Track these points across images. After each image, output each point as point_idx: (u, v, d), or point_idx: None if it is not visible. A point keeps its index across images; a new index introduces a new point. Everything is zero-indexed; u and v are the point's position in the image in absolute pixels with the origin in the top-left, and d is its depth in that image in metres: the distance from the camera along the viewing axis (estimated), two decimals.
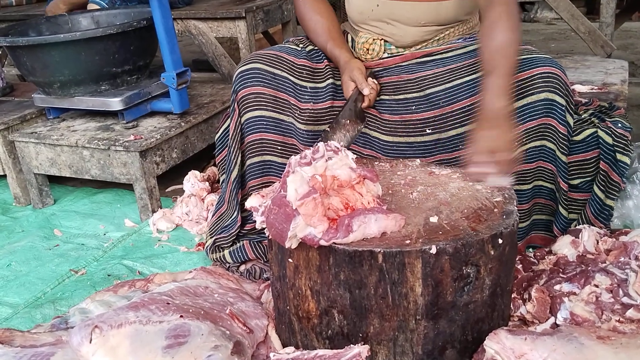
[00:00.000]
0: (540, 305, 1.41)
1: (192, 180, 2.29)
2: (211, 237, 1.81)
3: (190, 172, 2.33)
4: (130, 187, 2.33)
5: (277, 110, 1.67)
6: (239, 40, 3.03)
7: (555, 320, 1.39)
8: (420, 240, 1.19)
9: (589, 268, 1.46)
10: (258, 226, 1.30)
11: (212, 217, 1.88)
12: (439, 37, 1.68)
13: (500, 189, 1.38)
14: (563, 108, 1.54)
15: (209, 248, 1.82)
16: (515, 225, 1.26)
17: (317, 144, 1.26)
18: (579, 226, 1.62)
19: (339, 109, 1.65)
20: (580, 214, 1.68)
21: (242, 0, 3.17)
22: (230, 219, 1.77)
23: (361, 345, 1.24)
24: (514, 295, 1.46)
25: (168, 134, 2.25)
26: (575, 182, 1.65)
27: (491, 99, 1.44)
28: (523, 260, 1.63)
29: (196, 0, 3.37)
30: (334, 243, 1.19)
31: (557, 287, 1.44)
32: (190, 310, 1.34)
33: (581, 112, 1.77)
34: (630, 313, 1.32)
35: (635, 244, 1.48)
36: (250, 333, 1.38)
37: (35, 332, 1.43)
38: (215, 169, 2.37)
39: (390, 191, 1.40)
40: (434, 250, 1.16)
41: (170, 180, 2.52)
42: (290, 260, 1.28)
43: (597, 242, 1.57)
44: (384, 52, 1.71)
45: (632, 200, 1.75)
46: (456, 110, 1.60)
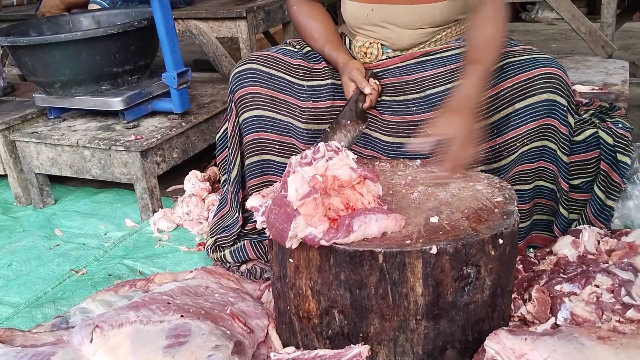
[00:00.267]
0: (541, 306, 1.41)
1: (193, 180, 2.29)
2: (212, 237, 1.81)
3: (190, 172, 2.33)
4: (131, 187, 2.33)
5: (274, 109, 1.68)
6: (240, 40, 3.03)
7: (555, 320, 1.38)
8: (421, 240, 1.19)
9: (590, 268, 1.46)
10: (259, 226, 1.30)
11: (214, 217, 1.88)
12: (435, 39, 1.68)
13: (501, 189, 1.38)
14: (564, 108, 1.54)
15: (209, 248, 1.82)
16: (515, 226, 1.26)
17: (317, 144, 1.26)
18: (580, 226, 1.62)
19: (340, 109, 1.65)
20: (580, 214, 1.68)
21: (243, 0, 3.17)
22: (231, 219, 1.77)
23: (362, 345, 1.24)
24: (515, 295, 1.46)
25: (169, 134, 2.25)
26: (576, 182, 1.65)
27: (467, 86, 1.44)
28: (523, 260, 1.63)
29: (197, 0, 3.37)
30: (334, 243, 1.19)
31: (557, 287, 1.44)
32: (191, 310, 1.34)
33: (582, 112, 1.77)
34: (631, 313, 1.32)
35: None
36: (250, 333, 1.38)
37: (36, 332, 1.44)
38: (215, 168, 2.37)
39: (390, 191, 1.40)
40: (434, 250, 1.16)
41: (170, 180, 2.52)
42: (290, 260, 1.28)
43: (598, 243, 1.57)
44: (382, 54, 1.72)
45: (633, 200, 1.74)
46: None
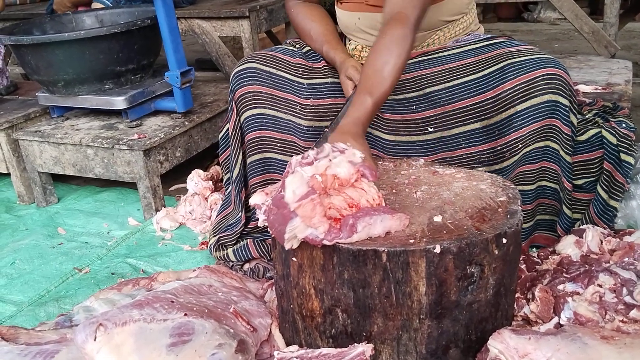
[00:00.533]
0: (544, 305, 1.41)
1: (196, 179, 2.29)
2: (215, 236, 1.82)
3: (193, 171, 2.33)
4: (134, 186, 2.34)
5: (274, 107, 1.68)
6: (243, 40, 3.02)
7: (558, 320, 1.38)
8: (425, 239, 1.19)
9: (593, 268, 1.45)
10: (260, 224, 1.30)
11: (217, 216, 1.88)
12: (427, 42, 1.68)
13: (505, 188, 1.38)
14: (567, 109, 1.54)
15: (212, 246, 1.82)
16: (519, 225, 1.26)
17: (322, 145, 1.26)
18: (583, 226, 1.62)
19: (341, 106, 1.65)
20: (584, 214, 1.67)
21: (246, 0, 3.17)
22: (234, 218, 1.77)
23: (365, 344, 1.24)
24: (518, 295, 1.46)
25: (172, 133, 2.26)
26: (579, 182, 1.65)
27: (351, 117, 1.38)
28: (527, 260, 1.63)
29: (200, 0, 3.37)
30: (337, 242, 1.19)
31: (560, 287, 1.44)
32: (194, 309, 1.34)
33: (585, 112, 1.77)
34: (634, 313, 1.32)
35: None
36: (254, 332, 1.38)
37: (40, 330, 1.44)
38: (218, 167, 2.37)
39: (394, 190, 1.41)
40: (438, 249, 1.16)
41: (173, 179, 2.52)
42: (294, 259, 1.28)
43: (601, 242, 1.57)
44: None
45: (636, 200, 1.74)
46: (458, 109, 1.59)
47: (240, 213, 1.75)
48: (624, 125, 1.62)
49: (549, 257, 1.60)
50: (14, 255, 2.09)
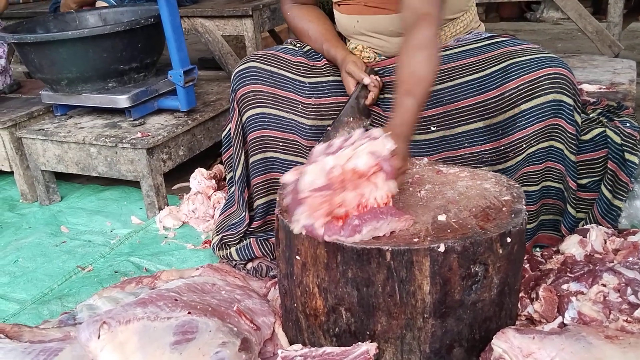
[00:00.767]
0: (548, 305, 1.41)
1: (199, 178, 2.30)
2: (218, 235, 1.82)
3: (196, 170, 2.33)
4: (137, 185, 2.34)
5: (276, 107, 1.68)
6: (246, 39, 3.02)
7: (562, 319, 1.38)
8: (429, 238, 1.19)
9: (597, 267, 1.45)
10: (284, 203, 1.29)
11: (220, 215, 1.88)
12: None
13: (509, 187, 1.38)
14: (571, 108, 1.53)
15: (215, 245, 1.82)
16: (523, 224, 1.25)
17: (353, 133, 1.25)
18: (587, 226, 1.62)
19: (343, 105, 1.65)
20: (588, 214, 1.67)
21: None
22: (237, 218, 1.77)
23: (369, 343, 1.24)
24: (522, 294, 1.46)
25: (175, 132, 2.26)
26: (583, 181, 1.64)
27: (399, 119, 1.34)
28: (530, 259, 1.62)
29: None
30: (338, 240, 1.19)
31: (564, 286, 1.44)
32: (198, 307, 1.34)
33: (589, 111, 1.77)
34: (638, 313, 1.32)
35: None
36: (257, 330, 1.38)
37: (44, 328, 1.44)
38: (221, 166, 2.37)
39: (398, 189, 1.40)
40: (442, 248, 1.16)
41: (176, 177, 2.52)
42: (297, 257, 1.28)
43: (605, 242, 1.57)
44: (377, 58, 1.72)
45: None
46: (461, 108, 1.59)
47: (244, 213, 1.75)
48: (628, 124, 1.62)
49: (553, 256, 1.60)
50: (17, 254, 2.09)
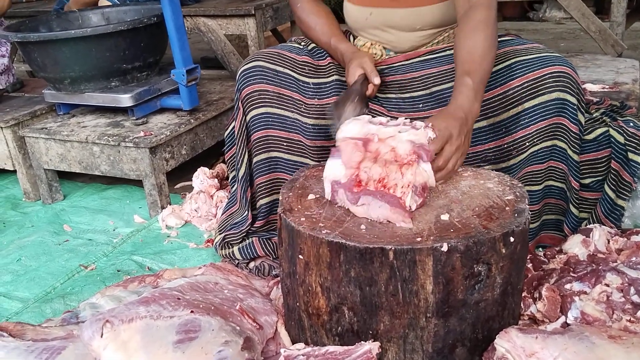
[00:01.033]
0: (551, 304, 1.40)
1: (201, 177, 2.30)
2: (220, 234, 1.82)
3: (199, 169, 2.33)
4: (139, 184, 2.34)
5: (281, 106, 1.68)
6: (248, 38, 3.03)
7: (565, 319, 1.38)
8: (432, 237, 1.18)
9: (600, 267, 1.45)
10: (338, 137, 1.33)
11: (222, 214, 1.88)
12: (437, 40, 1.68)
13: (512, 187, 1.37)
14: (575, 107, 1.53)
15: (218, 244, 1.82)
16: (527, 224, 1.25)
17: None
18: (590, 225, 1.62)
19: None
20: (591, 213, 1.67)
21: None
22: (240, 217, 1.77)
23: (371, 342, 1.24)
24: (525, 294, 1.46)
25: (177, 131, 2.26)
26: (586, 181, 1.64)
27: (461, 100, 1.36)
28: (533, 259, 1.62)
29: None
30: (335, 202, 1.28)
31: (567, 286, 1.43)
32: (201, 306, 1.34)
33: (593, 111, 1.76)
34: None
35: None
36: (260, 329, 1.38)
37: (46, 326, 1.44)
38: (224, 165, 2.37)
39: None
40: (445, 247, 1.16)
41: (179, 176, 2.53)
42: (300, 256, 1.28)
43: (608, 242, 1.56)
44: (385, 55, 1.72)
45: None
46: None
47: (247, 212, 1.75)
48: (631, 124, 1.62)
49: (556, 256, 1.60)
50: (20, 252, 2.10)
